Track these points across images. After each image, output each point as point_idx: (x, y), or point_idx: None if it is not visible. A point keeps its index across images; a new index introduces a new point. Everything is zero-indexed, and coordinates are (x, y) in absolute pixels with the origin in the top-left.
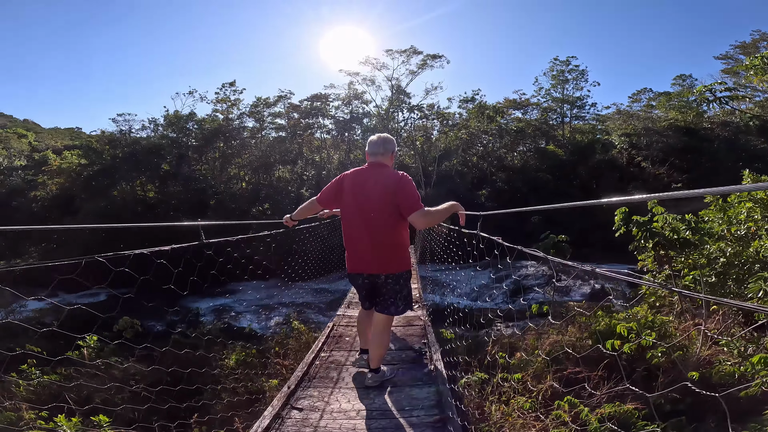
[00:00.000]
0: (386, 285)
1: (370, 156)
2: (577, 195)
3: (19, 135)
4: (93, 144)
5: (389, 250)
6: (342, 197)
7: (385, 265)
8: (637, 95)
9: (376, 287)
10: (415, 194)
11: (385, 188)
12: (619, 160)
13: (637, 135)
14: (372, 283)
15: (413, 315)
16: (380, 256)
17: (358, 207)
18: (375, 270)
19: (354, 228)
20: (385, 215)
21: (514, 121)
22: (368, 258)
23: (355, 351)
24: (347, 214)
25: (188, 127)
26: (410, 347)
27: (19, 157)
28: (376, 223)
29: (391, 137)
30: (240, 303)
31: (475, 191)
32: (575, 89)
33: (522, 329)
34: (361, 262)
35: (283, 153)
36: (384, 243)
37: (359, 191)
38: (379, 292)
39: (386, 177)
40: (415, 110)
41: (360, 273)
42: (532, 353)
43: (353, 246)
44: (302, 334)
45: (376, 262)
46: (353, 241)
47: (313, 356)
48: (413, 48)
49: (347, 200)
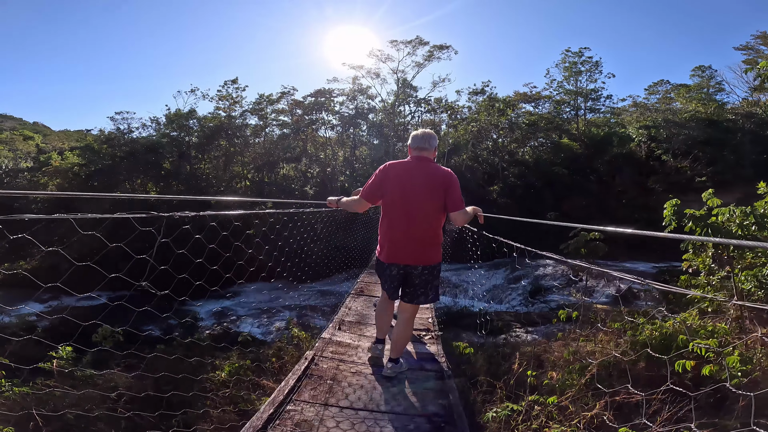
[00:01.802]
0: (421, 276)
1: (415, 150)
2: (595, 190)
3: (25, 137)
4: (91, 143)
5: (429, 242)
6: (386, 188)
7: (424, 257)
8: (653, 87)
9: (409, 278)
10: (460, 192)
11: (434, 182)
12: (638, 154)
13: (656, 127)
14: (406, 273)
15: (425, 353)
16: (421, 248)
17: (404, 199)
18: (413, 261)
19: (396, 219)
20: (431, 209)
21: (525, 115)
22: (409, 249)
23: (342, 400)
24: (390, 204)
25: (189, 125)
26: (423, 413)
27: (25, 159)
28: (421, 215)
29: (434, 133)
30: (243, 306)
31: (487, 187)
32: (589, 81)
33: (544, 335)
34: (400, 253)
35: (287, 150)
36: (426, 236)
37: (408, 183)
38: (410, 283)
39: (435, 171)
40: (422, 104)
41: (396, 263)
42: (568, 369)
43: (393, 236)
44: (302, 342)
45: (417, 254)
46: (394, 231)
47: (270, 412)
48: (419, 38)
49: (392, 191)
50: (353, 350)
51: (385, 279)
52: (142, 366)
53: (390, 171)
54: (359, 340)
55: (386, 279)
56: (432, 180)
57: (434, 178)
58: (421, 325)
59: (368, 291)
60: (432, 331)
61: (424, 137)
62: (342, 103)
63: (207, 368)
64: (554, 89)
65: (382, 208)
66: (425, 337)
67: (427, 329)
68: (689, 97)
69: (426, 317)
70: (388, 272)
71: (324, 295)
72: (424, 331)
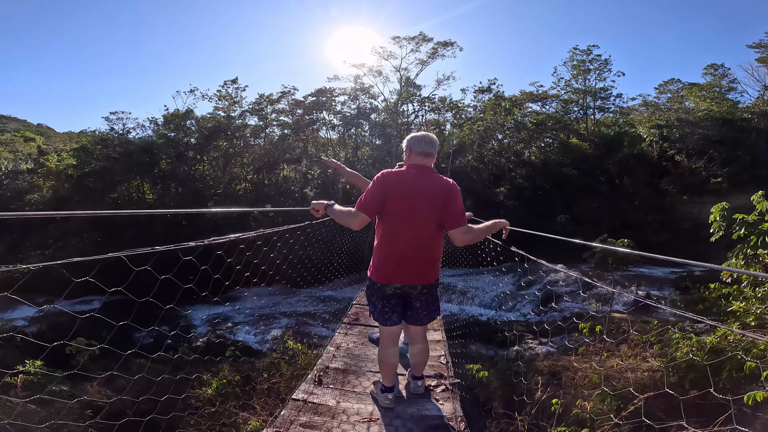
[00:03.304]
0: (421, 296)
1: (419, 156)
2: (606, 191)
3: (26, 139)
4: (85, 144)
5: (431, 260)
6: (389, 201)
7: (425, 276)
8: (664, 86)
9: (408, 298)
10: (462, 208)
11: (438, 195)
12: (650, 154)
13: (668, 127)
14: (404, 294)
15: (435, 418)
16: (423, 267)
17: (410, 213)
18: (413, 281)
19: (400, 235)
20: (434, 224)
21: (532, 114)
22: (410, 268)
23: None
24: (393, 219)
25: (187, 126)
26: None
27: (25, 161)
28: (425, 231)
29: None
30: (240, 312)
31: (493, 188)
32: (598, 80)
33: (560, 347)
34: (400, 272)
35: (287, 151)
36: (429, 254)
37: (414, 196)
38: (410, 305)
39: (439, 182)
40: (426, 102)
41: (392, 284)
42: (600, 396)
43: (394, 255)
44: (297, 355)
45: (418, 273)
46: (396, 249)
47: None
48: (422, 35)
49: (395, 205)
50: (337, 423)
51: (383, 303)
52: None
53: (390, 183)
54: (348, 401)
55: (383, 303)
56: (436, 192)
57: (438, 190)
58: (430, 368)
59: (366, 318)
60: (446, 379)
61: (432, 142)
62: (343, 102)
63: (193, 383)
64: (562, 88)
65: (381, 223)
66: (437, 390)
67: (438, 376)
68: (702, 96)
69: (437, 355)
70: (384, 293)
71: (324, 301)
72: (433, 379)
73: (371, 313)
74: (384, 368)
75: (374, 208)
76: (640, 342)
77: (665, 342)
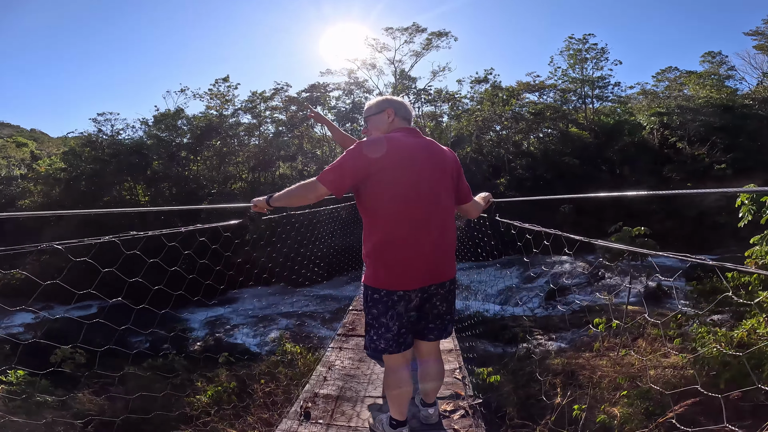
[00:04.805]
0: (447, 296)
1: (403, 121)
2: (607, 180)
3: (18, 144)
4: (73, 147)
5: (453, 245)
6: (376, 177)
7: (450, 267)
8: (662, 74)
9: (428, 305)
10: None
11: (446, 166)
12: (651, 142)
13: (669, 114)
14: (423, 301)
15: None
16: (448, 255)
17: (417, 192)
18: (437, 279)
19: (410, 224)
20: (450, 203)
21: (530, 105)
22: (430, 263)
23: None
24: (396, 203)
25: (178, 126)
26: None
27: (18, 166)
28: (443, 212)
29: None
30: (239, 313)
31: (493, 180)
32: (595, 69)
33: (571, 342)
34: (418, 272)
35: (282, 148)
36: (452, 237)
37: (418, 169)
38: (430, 313)
39: (442, 151)
40: (422, 94)
41: (411, 290)
42: (628, 400)
43: (408, 251)
44: (296, 358)
45: (440, 268)
46: (408, 240)
47: None
48: (416, 25)
49: (393, 182)
50: None
51: (399, 322)
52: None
53: (381, 150)
54: None
55: (399, 321)
56: (443, 163)
57: (444, 161)
58: (443, 386)
59: (363, 328)
60: (464, 400)
61: (410, 106)
62: (338, 98)
63: (188, 390)
64: (559, 78)
65: (374, 208)
66: (454, 416)
67: (454, 396)
68: (701, 84)
69: (451, 368)
70: (399, 307)
71: (323, 300)
72: (449, 402)
73: (374, 340)
74: (395, 399)
75: (343, 182)
76: (658, 336)
77: (686, 336)
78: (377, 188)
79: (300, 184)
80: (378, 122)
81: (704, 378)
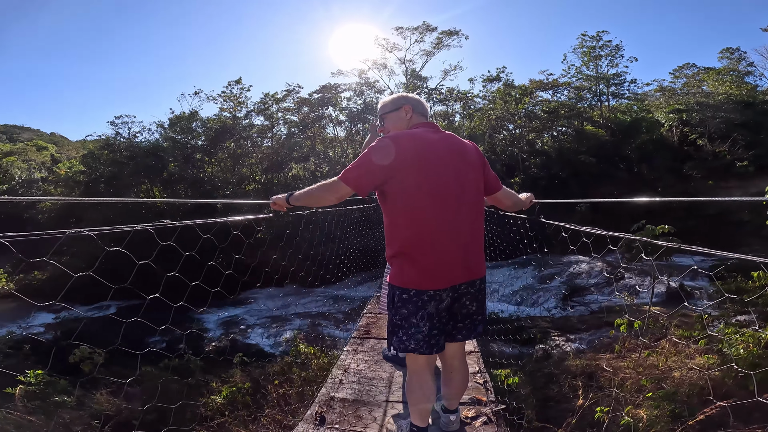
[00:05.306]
0: (478, 294)
1: (422, 116)
2: (625, 178)
3: (39, 147)
4: (92, 150)
5: (482, 244)
6: (402, 175)
7: (479, 265)
8: (679, 70)
9: (458, 304)
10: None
11: (470, 157)
12: (670, 139)
13: (688, 111)
14: (453, 300)
15: None
16: (478, 252)
17: (446, 188)
18: (468, 276)
19: (439, 222)
20: (478, 196)
21: (543, 103)
22: (462, 261)
23: None
24: (424, 200)
25: (193, 128)
26: None
27: (39, 170)
28: (472, 208)
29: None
30: (253, 313)
31: (507, 179)
32: (610, 66)
33: (589, 344)
34: (450, 271)
35: (294, 149)
36: (481, 233)
37: (444, 163)
38: (459, 312)
39: (462, 143)
40: (433, 94)
41: (442, 288)
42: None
43: (438, 249)
44: (310, 359)
45: (473, 265)
46: (439, 240)
47: None
48: (426, 24)
49: (420, 179)
50: None
51: (430, 323)
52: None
53: (403, 149)
54: None
55: (430, 322)
56: (467, 156)
57: (469, 153)
58: (465, 393)
59: (379, 331)
60: (486, 406)
61: (426, 102)
62: (349, 98)
63: (203, 390)
64: (573, 75)
65: (401, 206)
66: (476, 423)
67: (475, 402)
68: (720, 80)
69: (472, 372)
70: (430, 307)
71: (336, 301)
72: (470, 407)
73: (403, 340)
74: (418, 404)
75: (368, 180)
76: (682, 337)
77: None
78: (403, 186)
79: (321, 184)
80: (396, 119)
81: (732, 380)
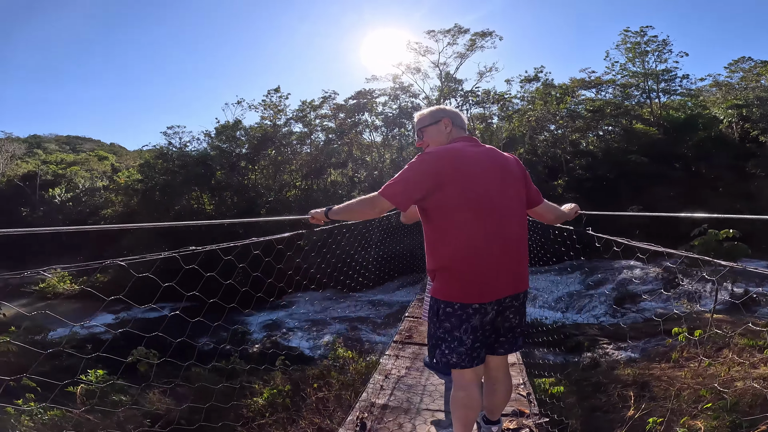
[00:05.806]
0: (521, 308)
1: (461, 130)
2: (681, 178)
3: (100, 157)
4: (148, 159)
5: (526, 254)
6: (445, 190)
7: (524, 277)
8: (735, 64)
9: (502, 317)
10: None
11: (513, 171)
12: (730, 136)
13: (748, 106)
14: (497, 313)
15: None
16: (522, 266)
17: (490, 202)
18: (513, 289)
19: (484, 236)
20: (523, 210)
21: (587, 102)
22: (507, 275)
23: None
24: (468, 214)
25: (237, 137)
26: None
27: (101, 178)
28: (516, 221)
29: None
30: (294, 317)
31: (550, 181)
32: (658, 61)
33: (643, 352)
34: (496, 285)
35: (332, 155)
36: (525, 246)
37: (489, 177)
38: (502, 326)
39: (504, 156)
40: (469, 96)
41: (488, 302)
42: (714, 413)
43: (484, 263)
44: (348, 363)
45: (518, 278)
46: (484, 254)
47: None
48: (458, 26)
49: (463, 193)
50: None
51: (474, 336)
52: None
53: (447, 164)
54: None
55: (474, 335)
56: (510, 169)
57: (511, 167)
58: (508, 405)
59: (421, 336)
60: (529, 418)
61: (463, 114)
62: (384, 103)
63: (246, 392)
64: (617, 72)
65: (444, 221)
66: None
67: (517, 413)
68: None
69: (514, 384)
70: (474, 321)
71: (374, 306)
72: (511, 419)
73: (445, 354)
74: (462, 417)
75: (414, 194)
76: (746, 346)
77: None
78: (446, 201)
79: (361, 199)
80: (435, 133)
81: None
